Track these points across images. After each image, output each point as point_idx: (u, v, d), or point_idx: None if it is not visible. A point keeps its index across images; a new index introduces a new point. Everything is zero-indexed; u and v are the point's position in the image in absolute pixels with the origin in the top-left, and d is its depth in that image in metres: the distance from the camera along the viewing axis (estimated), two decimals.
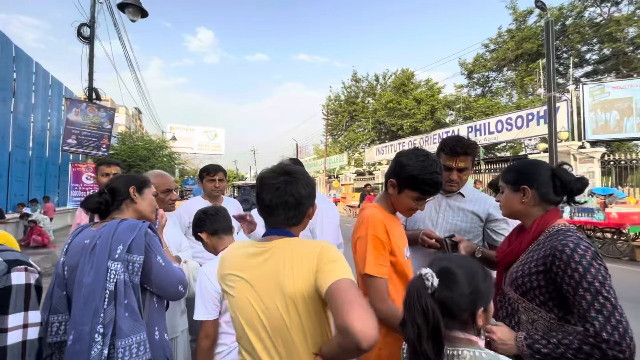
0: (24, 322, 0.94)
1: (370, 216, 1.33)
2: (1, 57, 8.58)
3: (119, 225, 1.26)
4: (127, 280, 1.21)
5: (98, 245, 1.23)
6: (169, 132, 28.66)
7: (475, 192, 1.77)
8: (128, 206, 1.39)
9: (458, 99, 23.79)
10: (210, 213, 1.66)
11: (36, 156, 10.64)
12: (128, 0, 7.16)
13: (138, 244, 1.24)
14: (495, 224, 1.69)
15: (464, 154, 1.65)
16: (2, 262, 0.93)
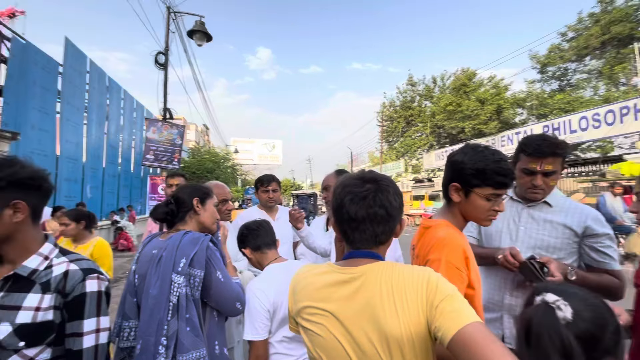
0: (96, 327, 0.99)
1: (448, 238, 1.07)
2: (98, 88, 10.10)
3: (182, 238, 1.29)
4: (188, 295, 1.22)
5: (164, 257, 1.27)
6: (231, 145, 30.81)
7: (566, 201, 1.45)
8: (192, 218, 1.42)
9: (530, 96, 21.43)
10: (252, 228, 1.62)
11: (123, 170, 12.22)
12: (196, 27, 7.92)
13: (199, 258, 1.25)
14: (595, 240, 1.36)
15: (551, 155, 1.36)
16: (78, 270, 0.99)
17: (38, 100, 7.27)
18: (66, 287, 0.96)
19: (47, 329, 0.93)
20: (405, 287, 0.77)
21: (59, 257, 1.01)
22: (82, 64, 9.11)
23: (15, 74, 6.51)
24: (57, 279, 0.96)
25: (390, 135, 30.94)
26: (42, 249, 1.00)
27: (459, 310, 0.72)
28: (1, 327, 0.89)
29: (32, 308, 0.92)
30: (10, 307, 0.92)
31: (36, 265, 0.96)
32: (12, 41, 6.41)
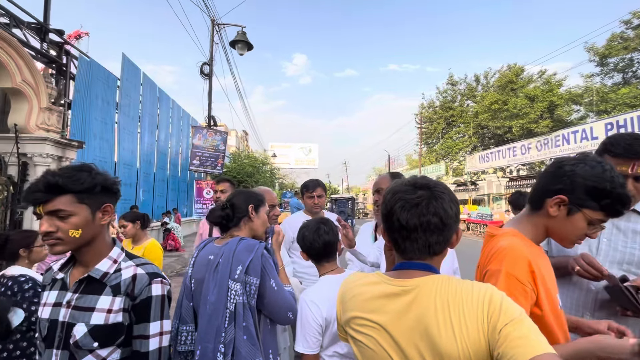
0: (160, 330, 1.01)
1: (510, 247, 0.96)
2: (150, 99, 10.89)
3: (238, 245, 1.30)
4: (245, 302, 1.22)
5: (220, 264, 1.28)
6: (269, 150, 31.69)
7: None
8: (245, 224, 1.44)
9: (588, 91, 19.53)
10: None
11: (172, 175, 13.02)
12: (238, 37, 8.25)
13: (255, 265, 1.25)
14: None
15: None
16: (145, 274, 1.02)
17: (100, 112, 7.99)
18: (134, 290, 0.99)
19: (118, 331, 0.96)
20: (463, 304, 0.72)
21: (126, 261, 1.05)
22: (136, 77, 9.88)
23: (81, 88, 7.22)
24: (126, 282, 1.00)
25: (430, 137, 29.84)
26: (111, 253, 1.04)
27: (527, 337, 0.64)
28: (77, 327, 0.93)
29: (104, 310, 0.96)
30: (85, 309, 0.96)
31: (107, 269, 1.01)
32: (79, 59, 7.11)
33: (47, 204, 0.92)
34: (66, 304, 0.97)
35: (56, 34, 6.55)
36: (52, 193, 0.92)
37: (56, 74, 6.76)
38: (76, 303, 0.97)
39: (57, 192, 0.92)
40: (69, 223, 0.94)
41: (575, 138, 15.25)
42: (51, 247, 0.95)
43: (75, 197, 0.95)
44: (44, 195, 0.91)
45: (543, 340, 0.65)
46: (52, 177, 0.92)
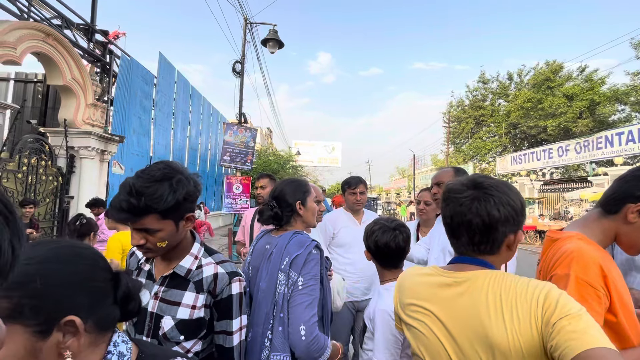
0: (240, 325, 1.05)
1: (578, 250, 0.92)
2: (183, 96, 11.28)
3: (292, 238, 1.32)
4: (285, 294, 1.23)
5: (274, 254, 1.31)
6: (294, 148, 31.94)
7: None
8: (296, 219, 1.44)
9: (635, 90, 18.20)
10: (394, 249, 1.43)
11: (201, 170, 13.44)
12: (269, 36, 8.35)
13: (298, 261, 1.25)
14: None
15: None
16: (225, 274, 1.04)
17: (138, 108, 8.37)
18: (216, 289, 1.02)
19: (201, 325, 1.00)
20: (517, 298, 0.72)
21: (205, 257, 1.08)
22: (171, 75, 10.26)
23: (122, 86, 7.59)
24: (208, 280, 1.03)
25: (458, 136, 28.89)
26: (192, 249, 1.07)
27: (584, 331, 0.63)
28: (165, 319, 0.98)
29: (189, 305, 1.00)
30: (172, 302, 1.00)
31: (189, 265, 1.04)
32: (121, 58, 7.47)
33: (135, 223, 0.95)
34: (154, 295, 1.02)
35: (101, 34, 6.92)
36: (137, 214, 0.93)
37: (100, 72, 7.15)
38: (163, 296, 1.01)
39: (142, 213, 0.93)
40: (157, 237, 0.97)
41: (620, 140, 14.27)
42: (144, 254, 1.04)
43: (159, 215, 0.95)
44: (130, 216, 0.93)
45: (603, 337, 0.62)
46: (136, 198, 0.90)
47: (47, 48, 5.23)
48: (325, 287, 1.38)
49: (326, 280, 1.40)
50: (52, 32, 5.28)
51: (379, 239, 1.39)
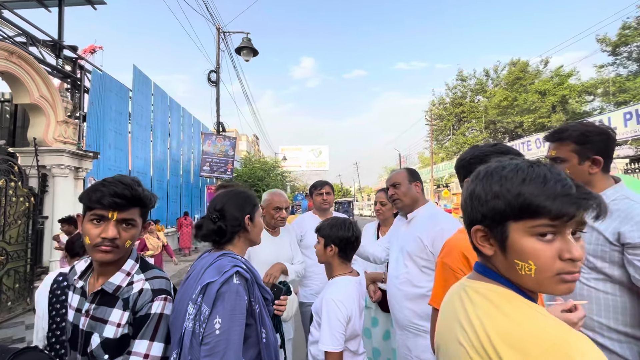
0: (146, 351, 0.95)
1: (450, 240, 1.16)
2: (161, 107, 11.18)
3: (215, 261, 1.07)
4: (196, 331, 0.96)
5: (190, 279, 1.09)
6: (280, 153, 31.91)
7: (620, 202, 1.18)
8: (240, 237, 1.21)
9: (602, 82, 18.94)
10: (352, 241, 1.55)
11: (184, 181, 13.31)
12: (243, 44, 8.39)
13: (210, 292, 0.98)
14: (632, 252, 1.10)
15: (555, 140, 1.28)
16: (149, 290, 1.01)
17: (113, 122, 8.26)
18: (137, 305, 0.98)
19: (125, 343, 0.97)
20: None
21: (139, 273, 1.04)
22: (147, 87, 10.17)
23: (95, 101, 7.49)
24: (134, 297, 0.99)
25: (441, 133, 29.48)
26: (124, 266, 1.03)
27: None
28: (94, 337, 0.96)
29: (115, 323, 0.96)
30: (100, 320, 0.97)
31: (120, 282, 1.00)
32: (92, 73, 7.39)
33: (123, 212, 0.97)
34: (85, 312, 1.00)
35: (70, 50, 6.83)
36: (132, 203, 0.99)
37: (71, 88, 7.05)
38: (93, 313, 0.98)
39: (135, 203, 1.00)
40: (130, 233, 0.99)
41: None
42: (105, 253, 0.96)
43: (140, 211, 1.03)
44: (125, 203, 0.97)
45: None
46: (136, 189, 0.99)
47: (11, 67, 5.14)
48: (262, 323, 1.09)
49: (262, 315, 1.09)
50: (16, 50, 5.19)
51: (342, 232, 1.50)
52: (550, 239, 0.56)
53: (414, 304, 1.68)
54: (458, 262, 1.04)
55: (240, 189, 1.32)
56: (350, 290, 1.45)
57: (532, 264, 0.56)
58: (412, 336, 1.68)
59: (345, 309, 1.37)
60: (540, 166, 0.61)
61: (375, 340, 2.23)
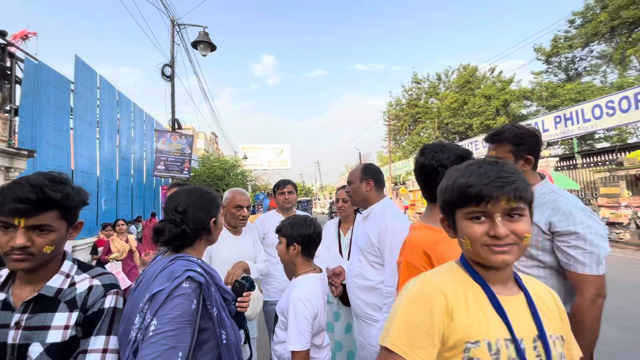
0: (104, 346, 0.95)
1: (409, 239, 1.15)
2: (108, 102, 10.34)
3: (168, 266, 1.02)
4: (139, 341, 0.91)
5: (139, 287, 1.04)
6: (240, 152, 31.10)
7: (547, 196, 1.35)
8: (202, 240, 1.17)
9: (539, 88, 21.06)
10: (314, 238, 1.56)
11: (136, 182, 12.45)
12: (199, 38, 8.06)
13: (158, 300, 0.94)
14: (560, 239, 1.25)
15: (494, 142, 1.42)
16: (100, 286, 0.98)
17: (52, 117, 7.49)
18: (88, 302, 0.95)
19: (75, 345, 0.93)
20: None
21: (79, 274, 1.01)
22: (92, 80, 9.35)
23: (29, 93, 6.73)
24: (81, 295, 0.96)
25: (398, 133, 30.81)
26: (63, 267, 0.99)
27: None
28: (33, 347, 0.89)
29: (61, 327, 0.92)
30: (40, 328, 0.91)
31: (60, 284, 0.96)
32: (25, 62, 6.63)
33: (31, 218, 0.86)
34: (15, 325, 0.91)
35: None
36: (41, 207, 0.87)
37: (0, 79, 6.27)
38: (27, 323, 0.91)
39: (47, 207, 0.88)
40: (47, 239, 0.89)
41: None
42: (17, 262, 0.88)
43: (60, 213, 0.91)
44: (31, 208, 0.85)
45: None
46: (46, 191, 0.87)
47: None
48: (222, 325, 1.04)
49: (221, 316, 1.05)
50: None
51: (304, 229, 1.52)
52: (482, 221, 0.70)
53: (366, 295, 1.75)
54: (421, 260, 1.05)
55: (204, 188, 1.25)
56: (315, 288, 1.47)
57: (467, 240, 0.72)
58: (365, 325, 1.76)
59: (312, 306, 1.39)
60: (475, 163, 0.75)
61: (338, 334, 2.29)
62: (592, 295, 1.18)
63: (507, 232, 0.67)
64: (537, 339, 0.70)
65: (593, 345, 1.18)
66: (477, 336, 0.67)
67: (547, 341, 0.69)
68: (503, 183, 0.68)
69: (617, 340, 3.50)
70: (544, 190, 1.37)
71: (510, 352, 0.67)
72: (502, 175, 0.69)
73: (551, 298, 0.79)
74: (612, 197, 11.79)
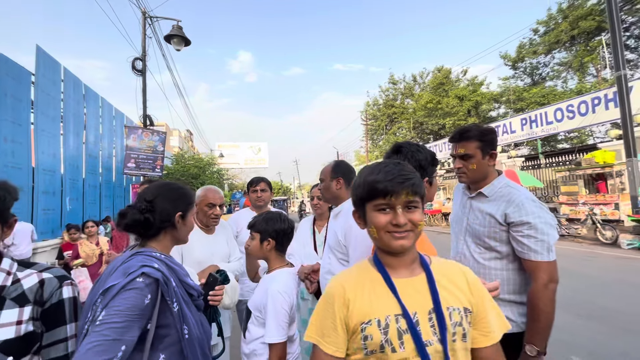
0: (74, 332, 0.99)
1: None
2: (74, 96, 9.79)
3: (127, 261, 1.02)
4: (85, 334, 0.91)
5: (99, 282, 1.03)
6: (217, 150, 30.45)
7: (503, 189, 1.46)
8: (167, 235, 1.16)
9: (507, 91, 22.13)
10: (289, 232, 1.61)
11: (105, 180, 11.88)
12: (173, 32, 7.82)
13: (109, 294, 0.93)
14: (515, 229, 1.34)
15: (462, 140, 1.50)
16: (53, 278, 0.99)
17: (10, 111, 7.00)
18: (44, 295, 0.96)
19: (32, 340, 0.93)
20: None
21: (22, 270, 0.99)
22: (55, 72, 8.82)
23: None
24: (33, 289, 0.96)
25: (375, 133, 31.34)
26: (2, 264, 0.98)
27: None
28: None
29: (12, 323, 0.91)
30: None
31: (2, 282, 0.94)
32: None
33: None
34: None
35: None
36: None
37: None
38: None
39: None
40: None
41: (498, 132, 17.13)
42: None
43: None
44: None
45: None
46: None
47: None
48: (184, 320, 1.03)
49: (183, 312, 1.04)
50: None
51: (278, 224, 1.56)
52: (387, 212, 0.82)
53: None
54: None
55: (178, 183, 1.26)
56: (291, 282, 1.52)
57: (374, 228, 0.83)
58: None
59: (290, 298, 1.44)
60: (383, 163, 0.87)
61: None
62: (545, 281, 1.28)
63: (406, 220, 0.80)
64: (432, 311, 0.80)
65: (549, 327, 1.28)
66: (369, 317, 0.79)
67: (440, 312, 0.79)
68: (404, 179, 0.81)
69: (573, 326, 3.77)
70: (501, 184, 1.48)
71: (400, 324, 0.78)
72: (402, 173, 0.82)
73: (461, 275, 0.88)
74: (572, 195, 12.61)
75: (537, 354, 1.26)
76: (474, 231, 1.49)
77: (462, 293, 0.84)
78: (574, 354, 3.14)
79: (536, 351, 1.26)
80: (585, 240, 10.14)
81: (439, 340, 0.77)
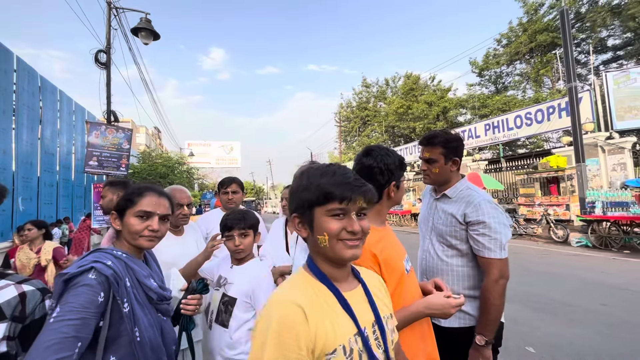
0: None
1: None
2: (28, 88, 9.09)
3: (84, 256, 1.02)
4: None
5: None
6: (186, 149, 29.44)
7: (464, 192, 1.56)
8: (120, 237, 1.14)
9: (472, 98, 23.31)
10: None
11: (62, 179, 11.11)
12: (141, 25, 7.48)
13: (59, 284, 0.92)
14: (472, 228, 1.45)
15: (428, 145, 1.59)
16: (36, 291, 0.93)
17: None
18: (25, 310, 0.89)
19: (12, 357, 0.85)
20: None
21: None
22: (7, 62, 8.14)
23: None
24: (11, 303, 0.87)
25: (348, 134, 31.78)
26: None
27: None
28: None
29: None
30: None
31: None
32: None
33: None
34: None
35: None
36: None
37: None
38: None
39: None
40: None
41: (464, 136, 17.98)
42: None
43: None
44: None
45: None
46: None
47: None
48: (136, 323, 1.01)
49: (134, 313, 1.01)
50: None
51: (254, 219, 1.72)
52: (340, 218, 0.76)
53: None
54: (369, 262, 1.03)
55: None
56: (267, 267, 1.75)
57: (326, 235, 0.75)
58: None
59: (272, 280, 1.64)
60: (332, 165, 0.82)
61: None
62: (496, 277, 1.38)
63: (359, 228, 0.75)
64: (375, 323, 0.78)
65: (497, 319, 1.39)
66: (333, 345, 0.69)
67: (382, 323, 0.78)
68: (361, 184, 0.77)
69: (528, 319, 4.06)
70: (462, 187, 1.58)
71: (359, 345, 0.72)
72: (358, 178, 0.78)
73: (378, 282, 0.88)
74: (529, 196, 13.53)
75: (485, 343, 1.36)
76: (438, 230, 1.58)
77: (385, 299, 0.86)
78: (529, 345, 3.38)
79: (484, 341, 1.36)
80: (540, 239, 10.90)
81: (384, 352, 0.76)
